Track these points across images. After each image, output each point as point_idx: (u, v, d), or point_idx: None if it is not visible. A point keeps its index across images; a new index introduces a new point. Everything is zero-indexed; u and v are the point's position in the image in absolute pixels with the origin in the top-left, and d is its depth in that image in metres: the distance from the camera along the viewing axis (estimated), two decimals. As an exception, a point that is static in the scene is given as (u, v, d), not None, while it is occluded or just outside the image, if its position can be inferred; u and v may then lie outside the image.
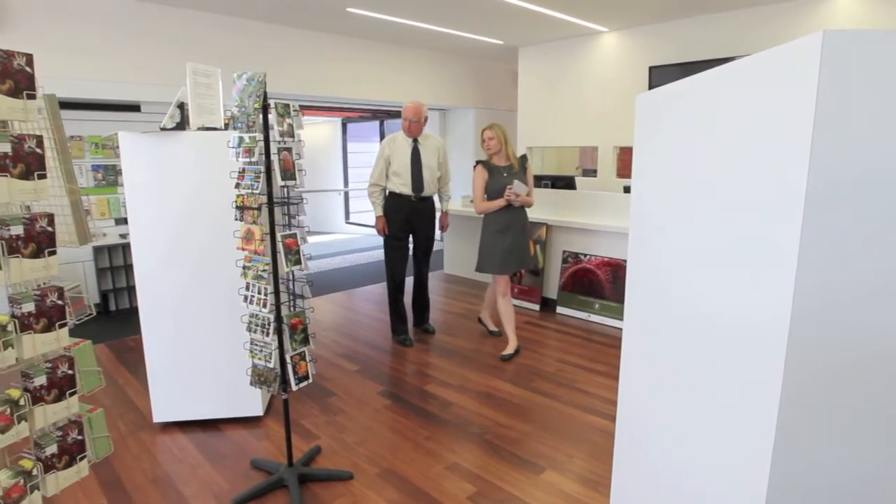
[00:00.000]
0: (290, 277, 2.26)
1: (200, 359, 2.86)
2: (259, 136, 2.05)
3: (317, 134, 10.50)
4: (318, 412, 3.10)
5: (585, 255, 4.75)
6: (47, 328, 1.56)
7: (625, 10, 5.34)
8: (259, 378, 2.27)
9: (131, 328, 4.59)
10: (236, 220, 2.18)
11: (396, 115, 9.30)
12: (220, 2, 4.94)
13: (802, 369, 0.90)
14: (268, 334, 2.18)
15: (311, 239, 2.25)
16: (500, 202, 3.68)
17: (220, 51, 5.32)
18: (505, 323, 3.93)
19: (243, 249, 2.18)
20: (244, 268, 2.19)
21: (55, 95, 1.67)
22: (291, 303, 2.27)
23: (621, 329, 1.69)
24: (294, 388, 2.24)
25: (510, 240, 3.73)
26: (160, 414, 2.92)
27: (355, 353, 4.02)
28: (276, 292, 2.16)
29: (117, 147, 4.89)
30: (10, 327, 1.46)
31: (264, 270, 2.12)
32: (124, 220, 5.03)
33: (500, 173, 3.72)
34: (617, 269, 4.52)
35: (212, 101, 2.74)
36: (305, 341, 2.28)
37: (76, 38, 4.54)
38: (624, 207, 4.60)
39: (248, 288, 2.19)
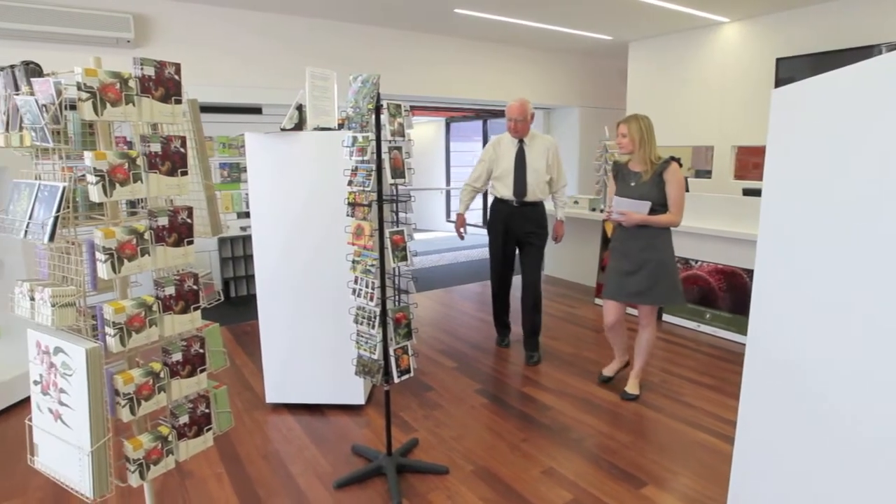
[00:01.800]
0: (396, 273, 2.33)
1: (310, 347, 3.03)
2: (371, 135, 2.12)
3: (421, 133, 10.76)
4: (416, 406, 3.17)
5: (696, 262, 4.46)
6: (184, 310, 1.72)
7: (750, -1, 4.95)
8: (363, 368, 2.36)
9: (249, 314, 4.96)
10: (348, 216, 2.28)
11: (500, 114, 9.30)
12: (335, 9, 5.20)
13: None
14: (373, 327, 2.26)
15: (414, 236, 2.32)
16: (607, 211, 3.13)
17: (335, 55, 5.60)
18: (613, 345, 3.40)
19: (353, 244, 2.28)
20: (353, 262, 2.29)
21: (196, 100, 1.83)
22: (396, 297, 2.34)
23: (735, 342, 1.56)
24: (396, 380, 2.30)
25: (631, 261, 3.03)
26: (272, 395, 3.13)
27: (454, 350, 4.07)
28: (383, 286, 2.23)
29: (241, 146, 5.34)
30: (155, 307, 1.63)
31: (372, 265, 2.21)
32: (245, 214, 5.46)
33: (628, 180, 3.04)
34: (732, 278, 4.21)
35: (327, 103, 2.89)
36: (408, 336, 2.34)
37: (207, 48, 4.99)
38: (743, 211, 4.27)
39: (356, 281, 2.29)
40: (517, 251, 3.83)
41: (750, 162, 6.28)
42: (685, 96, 6.20)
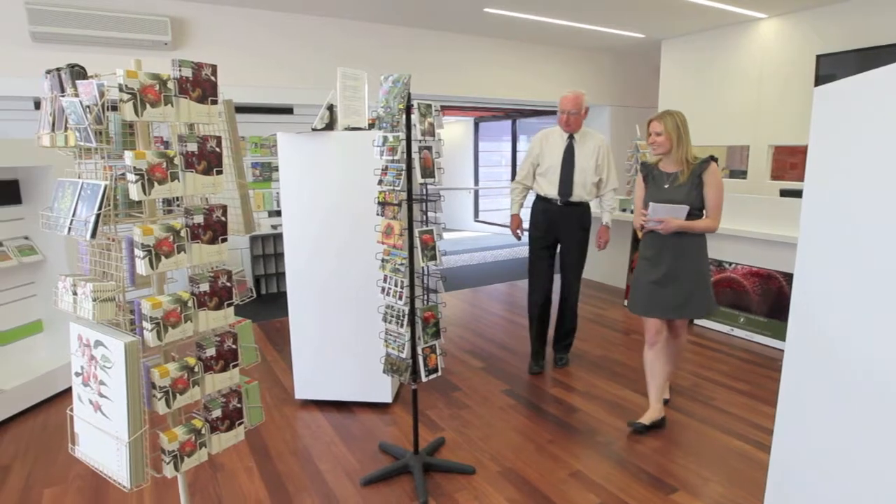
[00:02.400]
0: (425, 272, 2.34)
1: (338, 344, 3.06)
2: (402, 135, 2.13)
3: (450, 133, 10.78)
4: (443, 405, 3.18)
5: (731, 264, 4.36)
6: (218, 306, 1.76)
7: (789, -6, 4.82)
8: (392, 366, 2.38)
9: (278, 311, 5.04)
10: (377, 215, 2.30)
11: (530, 114, 9.26)
12: (366, 10, 5.24)
13: None
14: (402, 325, 2.27)
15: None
16: (638, 221, 2.82)
17: (366, 56, 5.65)
18: (649, 380, 2.90)
19: (383, 243, 2.30)
20: (383, 261, 2.31)
21: (232, 101, 1.87)
22: (425, 296, 2.34)
23: (770, 346, 1.52)
24: (424, 379, 2.31)
25: (663, 271, 2.74)
26: (301, 391, 3.18)
27: (481, 350, 4.06)
28: (412, 285, 2.24)
29: (273, 146, 5.43)
30: (190, 303, 1.67)
31: (401, 264, 2.22)
32: (276, 213, 5.55)
33: (661, 183, 2.76)
34: (768, 281, 4.10)
35: (358, 103, 2.92)
36: (436, 335, 2.34)
37: (240, 50, 5.08)
38: (780, 213, 4.15)
39: (385, 280, 2.30)
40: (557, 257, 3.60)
41: (787, 162, 6.11)
42: (720, 95, 6.06)
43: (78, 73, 1.64)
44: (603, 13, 5.45)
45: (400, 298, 2.25)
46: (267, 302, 5.45)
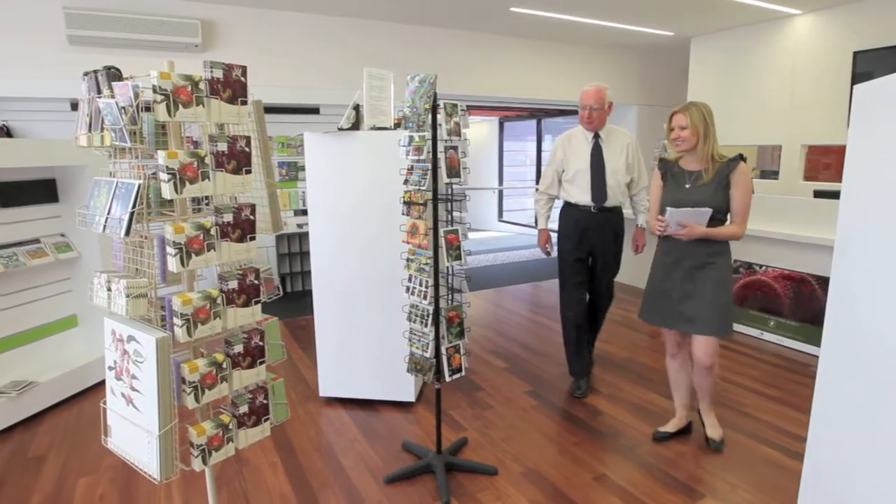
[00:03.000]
0: (450, 271, 2.34)
1: (363, 343, 3.08)
2: (428, 134, 2.14)
3: (475, 133, 10.77)
4: (466, 405, 3.18)
5: (761, 267, 4.26)
6: (246, 303, 1.78)
7: (825, -11, 4.69)
8: (416, 366, 2.38)
9: (303, 309, 5.10)
10: (403, 214, 2.31)
11: (555, 113, 9.19)
12: (392, 11, 5.27)
13: None
14: (426, 325, 2.28)
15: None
16: (655, 228, 2.54)
17: (392, 56, 5.68)
18: (673, 390, 2.82)
19: (408, 243, 2.30)
20: (408, 260, 2.31)
21: (261, 101, 1.90)
22: (450, 296, 2.34)
23: (802, 351, 1.48)
24: (447, 378, 2.31)
25: (681, 281, 2.53)
26: (325, 389, 3.21)
27: (504, 351, 4.05)
28: (436, 285, 2.24)
29: (299, 146, 5.49)
30: (219, 300, 1.70)
31: (426, 264, 2.22)
32: (302, 212, 5.62)
33: (681, 182, 2.51)
34: (801, 285, 3.99)
35: (384, 103, 2.93)
36: (461, 335, 2.34)
37: (267, 51, 5.15)
38: (814, 214, 4.04)
39: (410, 279, 2.31)
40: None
41: (821, 162, 5.94)
42: (751, 93, 5.93)
43: (114, 74, 1.68)
44: (633, 12, 5.38)
45: (424, 298, 2.26)
46: (292, 300, 5.52)
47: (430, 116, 2.12)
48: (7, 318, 3.15)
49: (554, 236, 3.26)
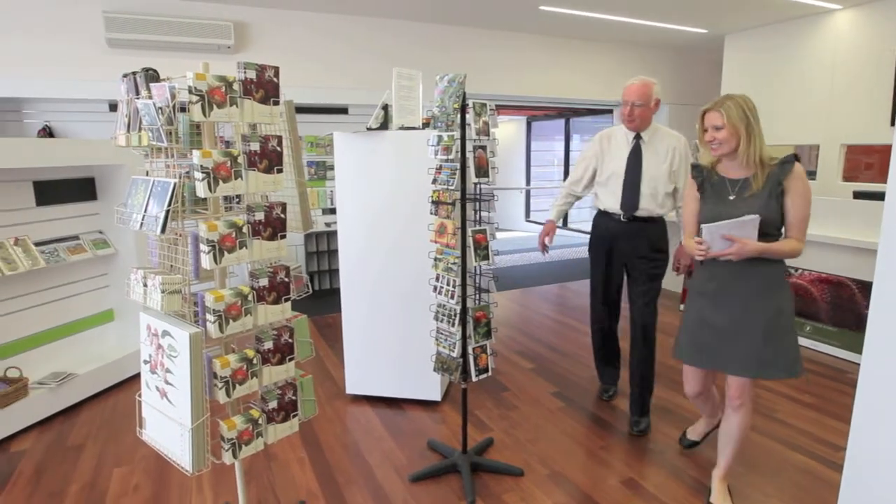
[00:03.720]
0: (478, 271, 2.33)
1: (389, 341, 3.10)
2: (457, 134, 2.14)
3: (503, 132, 10.74)
4: (492, 405, 3.17)
5: (797, 270, 4.14)
6: (276, 301, 1.81)
7: (867, -16, 4.53)
8: (442, 365, 2.39)
9: (331, 307, 5.15)
10: (431, 213, 2.31)
11: (584, 112, 9.09)
12: (421, 10, 5.28)
13: None
14: (453, 325, 2.28)
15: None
16: (695, 253, 2.02)
17: (420, 56, 5.70)
18: (702, 409, 2.50)
19: (436, 242, 2.31)
20: (436, 259, 2.32)
21: (292, 101, 1.92)
22: (477, 296, 2.34)
23: (839, 357, 1.43)
24: (474, 378, 2.31)
25: (731, 314, 2.04)
26: (352, 386, 3.23)
27: (530, 352, 4.02)
28: (464, 285, 2.24)
29: (328, 145, 5.55)
30: (250, 297, 1.73)
31: (454, 263, 2.22)
32: (330, 211, 5.68)
33: (723, 193, 2.04)
34: (838, 288, 3.87)
35: (413, 103, 2.94)
36: (488, 335, 2.34)
37: (297, 52, 5.22)
38: (854, 216, 3.91)
39: (437, 279, 2.31)
40: (625, 280, 2.94)
41: (862, 162, 5.74)
42: (787, 91, 5.77)
43: (152, 76, 1.72)
44: (667, 9, 5.29)
45: (452, 297, 2.26)
46: (320, 298, 5.58)
47: (458, 116, 2.12)
48: (47, 312, 3.26)
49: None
